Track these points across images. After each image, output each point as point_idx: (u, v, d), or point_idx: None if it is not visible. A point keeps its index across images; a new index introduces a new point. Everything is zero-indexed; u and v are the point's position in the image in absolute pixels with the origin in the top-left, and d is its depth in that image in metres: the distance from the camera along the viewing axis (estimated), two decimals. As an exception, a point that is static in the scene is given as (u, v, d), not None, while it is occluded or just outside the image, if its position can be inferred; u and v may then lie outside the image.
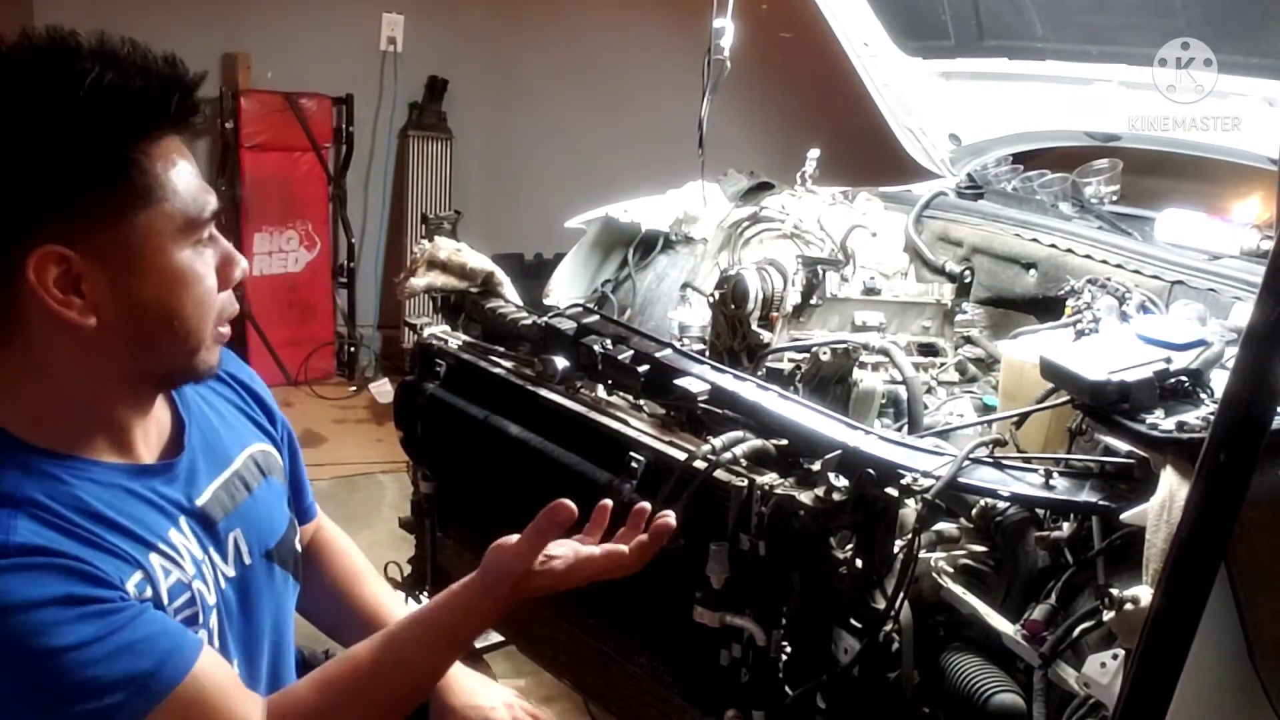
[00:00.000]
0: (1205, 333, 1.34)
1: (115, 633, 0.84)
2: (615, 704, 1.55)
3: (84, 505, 0.87)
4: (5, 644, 0.80)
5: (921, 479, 1.17)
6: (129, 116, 0.84)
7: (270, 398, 1.14)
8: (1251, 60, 1.78)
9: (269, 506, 1.07)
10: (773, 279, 1.75)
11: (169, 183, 0.86)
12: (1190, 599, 0.89)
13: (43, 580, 0.82)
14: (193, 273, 0.88)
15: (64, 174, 0.82)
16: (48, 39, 0.85)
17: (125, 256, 0.85)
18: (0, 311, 0.85)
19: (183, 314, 0.88)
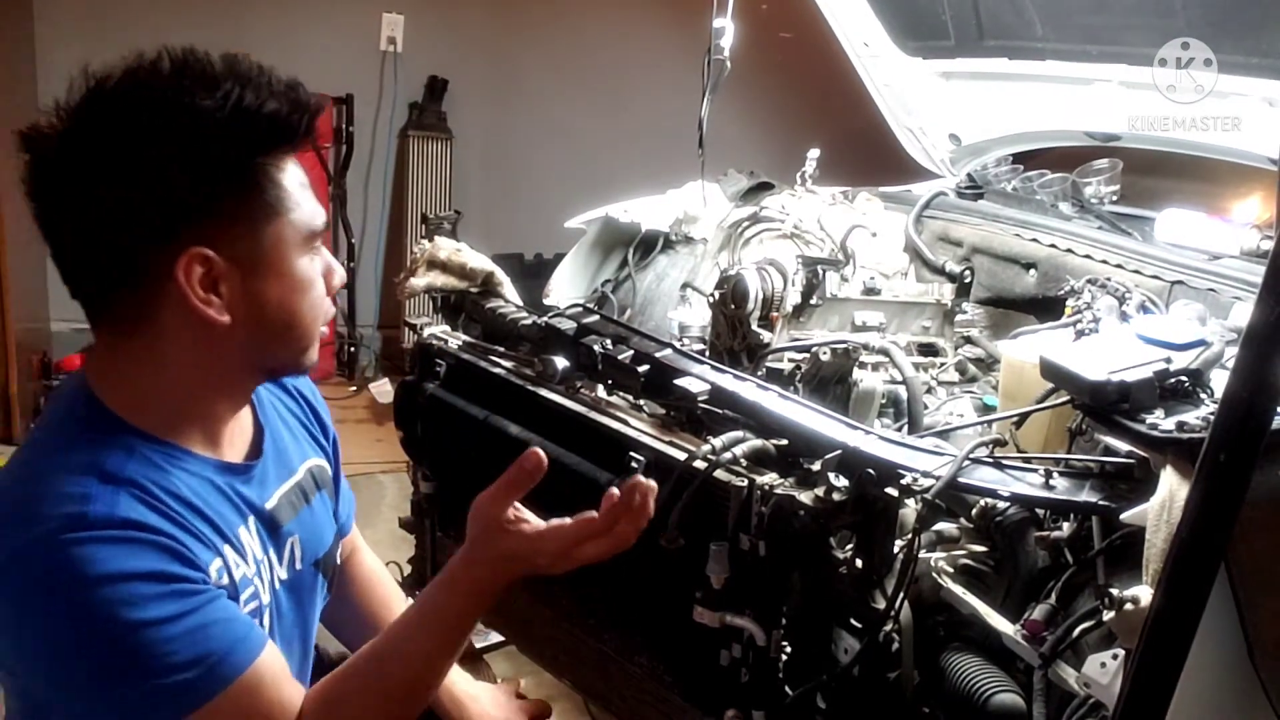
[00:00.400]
0: (1205, 333, 1.34)
1: (194, 612, 0.88)
2: (615, 704, 1.55)
3: (176, 490, 0.93)
4: (93, 611, 0.84)
5: (921, 479, 1.17)
6: (265, 135, 0.91)
7: (327, 413, 1.21)
8: (1251, 60, 1.78)
9: (322, 518, 1.14)
10: (773, 279, 1.75)
11: (294, 197, 0.94)
12: (1190, 599, 0.89)
13: (137, 553, 0.86)
14: (309, 279, 0.97)
15: (211, 184, 0.89)
16: (188, 59, 0.91)
17: (256, 261, 0.93)
18: (137, 305, 0.92)
19: (300, 315, 0.97)
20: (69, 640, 0.86)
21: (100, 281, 0.92)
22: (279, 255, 0.94)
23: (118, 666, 0.86)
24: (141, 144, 0.88)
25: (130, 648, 0.86)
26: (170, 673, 0.87)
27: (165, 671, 0.86)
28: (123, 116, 0.89)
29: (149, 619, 0.86)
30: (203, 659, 0.88)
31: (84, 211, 0.89)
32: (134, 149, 0.88)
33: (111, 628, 0.85)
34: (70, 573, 0.84)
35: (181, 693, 0.87)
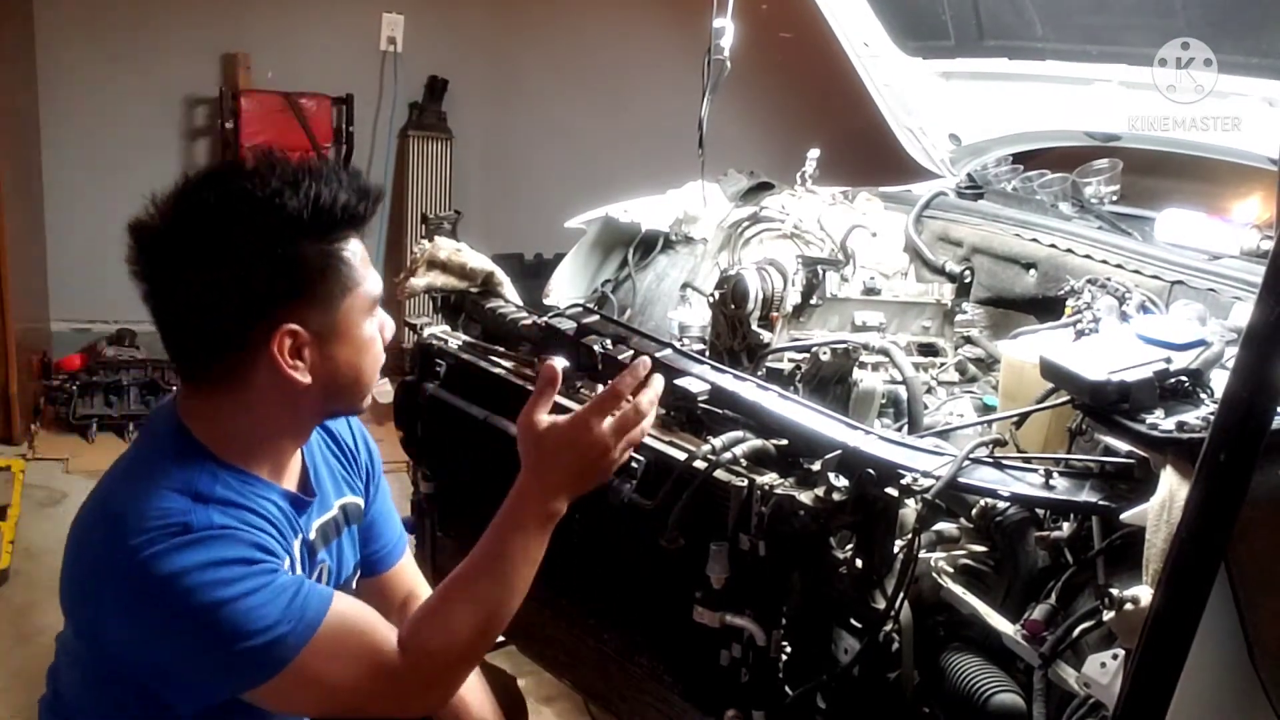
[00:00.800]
0: (1205, 333, 1.34)
1: (274, 581, 1.04)
2: (615, 704, 1.55)
3: (253, 507, 1.09)
4: (195, 594, 1.00)
5: (921, 479, 1.17)
6: (339, 224, 1.08)
7: (375, 456, 1.37)
8: (1251, 60, 1.78)
9: (348, 550, 1.30)
10: (773, 279, 1.75)
11: (360, 272, 1.10)
12: (1190, 599, 0.89)
13: (222, 547, 1.03)
14: (373, 339, 1.14)
15: (299, 271, 1.06)
16: (272, 160, 1.08)
17: (334, 331, 1.09)
18: (234, 367, 1.08)
19: (365, 370, 1.14)
20: (179, 621, 1.01)
21: (204, 350, 1.09)
22: (351, 323, 1.10)
23: (218, 636, 1.01)
24: (241, 238, 1.04)
25: (227, 617, 1.01)
26: (269, 630, 1.02)
27: (260, 632, 1.01)
28: (221, 215, 1.05)
29: (239, 592, 1.01)
30: (290, 611, 1.03)
31: (191, 293, 1.06)
32: (233, 245, 1.04)
33: (210, 607, 1.00)
34: (175, 568, 1.00)
35: (278, 644, 1.02)
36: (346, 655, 1.06)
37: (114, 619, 1.05)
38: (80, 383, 3.50)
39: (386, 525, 1.39)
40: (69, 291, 3.83)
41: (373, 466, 1.36)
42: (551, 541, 1.15)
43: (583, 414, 1.13)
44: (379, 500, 1.37)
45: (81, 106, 3.81)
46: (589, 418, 1.12)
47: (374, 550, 1.37)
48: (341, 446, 1.32)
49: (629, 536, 1.36)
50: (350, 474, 1.32)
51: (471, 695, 1.40)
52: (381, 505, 1.38)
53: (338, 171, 1.08)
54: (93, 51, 3.85)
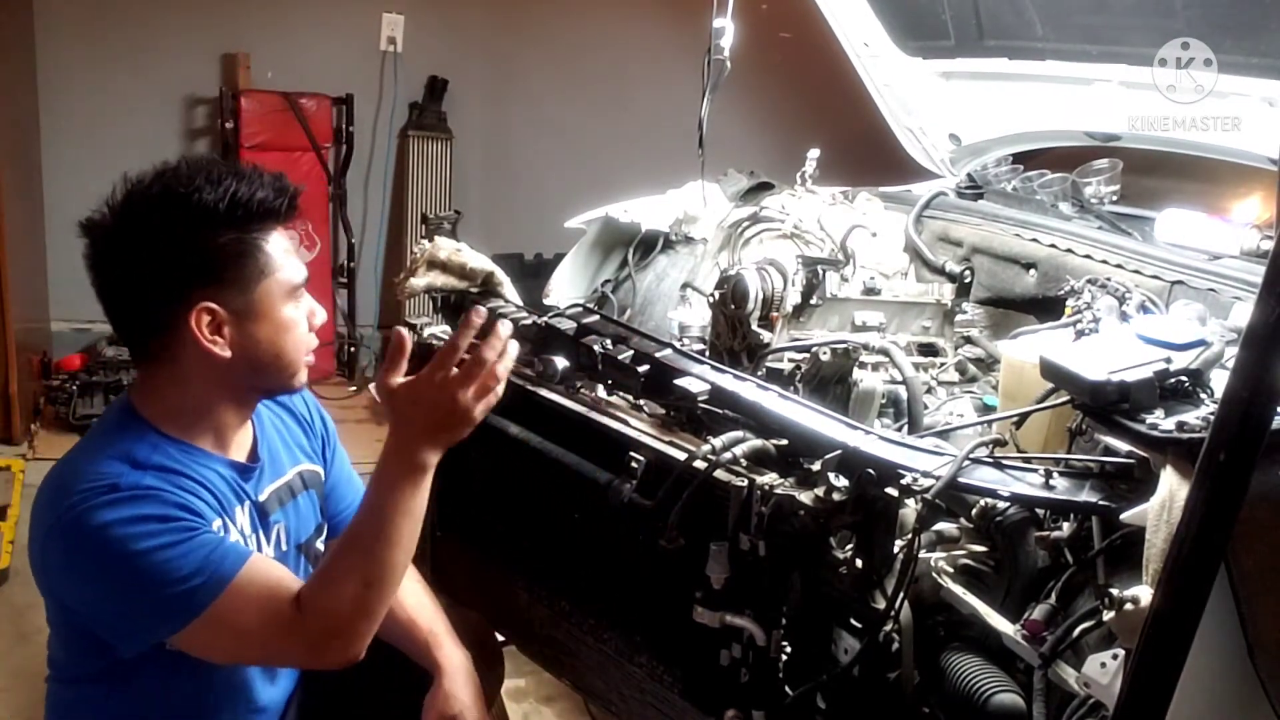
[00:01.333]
0: (1205, 333, 1.34)
1: (194, 538, 1.16)
2: (615, 704, 1.55)
3: (188, 473, 1.23)
4: (117, 546, 1.13)
5: (921, 479, 1.17)
6: (255, 217, 1.21)
7: (328, 426, 1.50)
8: (1251, 60, 1.78)
9: (306, 511, 1.42)
10: (773, 279, 1.75)
11: (278, 260, 1.24)
12: (1190, 599, 0.89)
13: (145, 505, 1.16)
14: (294, 321, 1.26)
15: (216, 256, 1.20)
16: (200, 162, 1.23)
17: (250, 311, 1.22)
18: (164, 346, 1.23)
19: (285, 349, 1.26)
20: (106, 570, 1.15)
21: (139, 330, 1.25)
22: (268, 305, 1.23)
23: (139, 583, 1.14)
24: (161, 230, 1.19)
25: (146, 567, 1.13)
26: (180, 582, 1.14)
27: (176, 582, 1.14)
28: (148, 209, 1.20)
29: (157, 544, 1.14)
30: (206, 564, 1.15)
31: (126, 280, 1.22)
32: (156, 234, 1.19)
33: (132, 558, 1.13)
34: (100, 521, 1.14)
35: (194, 593, 1.14)
36: (254, 608, 1.16)
37: (58, 573, 1.20)
38: (80, 383, 3.50)
39: (348, 489, 1.51)
40: (69, 291, 3.82)
41: (328, 436, 1.49)
42: (552, 541, 1.16)
43: (425, 370, 1.19)
44: (338, 467, 1.50)
45: (81, 106, 3.81)
46: (431, 372, 1.19)
47: (337, 512, 1.48)
48: (298, 418, 1.45)
49: (629, 536, 1.36)
50: (308, 443, 1.45)
51: (407, 598, 1.46)
52: (341, 471, 1.51)
53: (261, 174, 1.23)
54: (93, 51, 3.85)
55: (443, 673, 1.43)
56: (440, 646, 1.45)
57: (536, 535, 1.60)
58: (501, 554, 1.70)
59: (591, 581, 1.51)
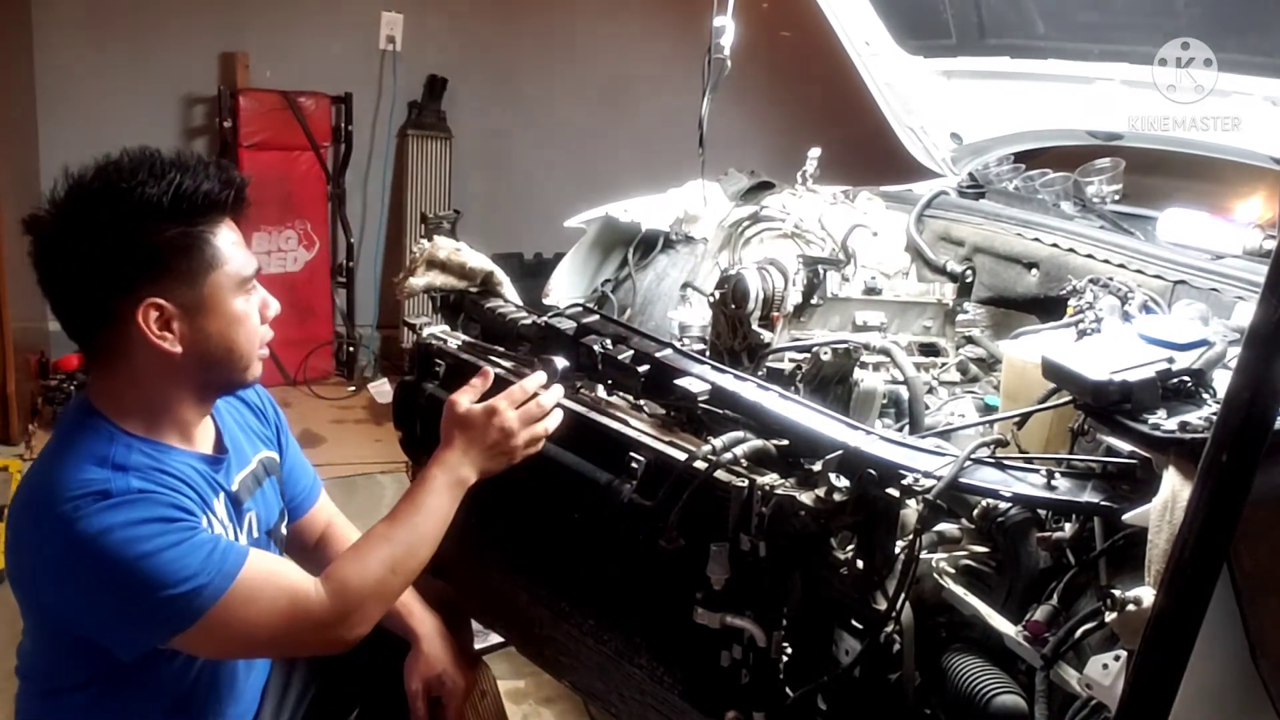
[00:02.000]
0: (1208, 333, 1.33)
1: (193, 537, 1.16)
2: (615, 705, 1.55)
3: (169, 471, 1.22)
4: (115, 551, 1.12)
5: (923, 479, 1.16)
6: (200, 210, 1.19)
7: (278, 415, 1.51)
8: (1253, 59, 1.78)
9: (271, 498, 1.44)
10: (773, 279, 1.75)
11: (225, 253, 1.22)
12: (1193, 600, 0.89)
13: (140, 508, 1.15)
14: (245, 314, 1.25)
15: (161, 250, 1.18)
16: (143, 155, 1.20)
17: (200, 304, 1.21)
18: (114, 342, 1.21)
19: (238, 344, 1.25)
20: (107, 576, 1.13)
21: (87, 326, 1.22)
22: (218, 299, 1.22)
23: (143, 587, 1.13)
24: (105, 226, 1.17)
25: (149, 570, 1.13)
26: (184, 582, 1.14)
27: (181, 582, 1.14)
28: (91, 205, 1.17)
29: (159, 547, 1.13)
30: (206, 566, 1.15)
31: (70, 276, 1.20)
32: (99, 231, 1.17)
33: (133, 560, 1.12)
34: (97, 528, 1.12)
35: (199, 592, 1.14)
36: (265, 598, 1.19)
37: (50, 584, 1.17)
38: (78, 382, 3.49)
39: (302, 474, 1.55)
40: (68, 291, 3.83)
41: (280, 423, 1.51)
42: (552, 542, 1.16)
43: (493, 402, 1.36)
44: (290, 454, 1.52)
45: (79, 105, 3.81)
46: (498, 405, 1.35)
47: (293, 496, 1.52)
48: (252, 408, 1.47)
49: (629, 537, 1.36)
50: (265, 430, 1.48)
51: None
52: (294, 457, 1.54)
53: (206, 165, 1.21)
54: (91, 51, 3.85)
55: (419, 638, 1.48)
56: (412, 614, 1.49)
57: (536, 536, 1.59)
58: (501, 554, 1.70)
59: (591, 582, 1.51)
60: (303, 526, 1.56)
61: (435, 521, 1.32)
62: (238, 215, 1.25)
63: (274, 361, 3.98)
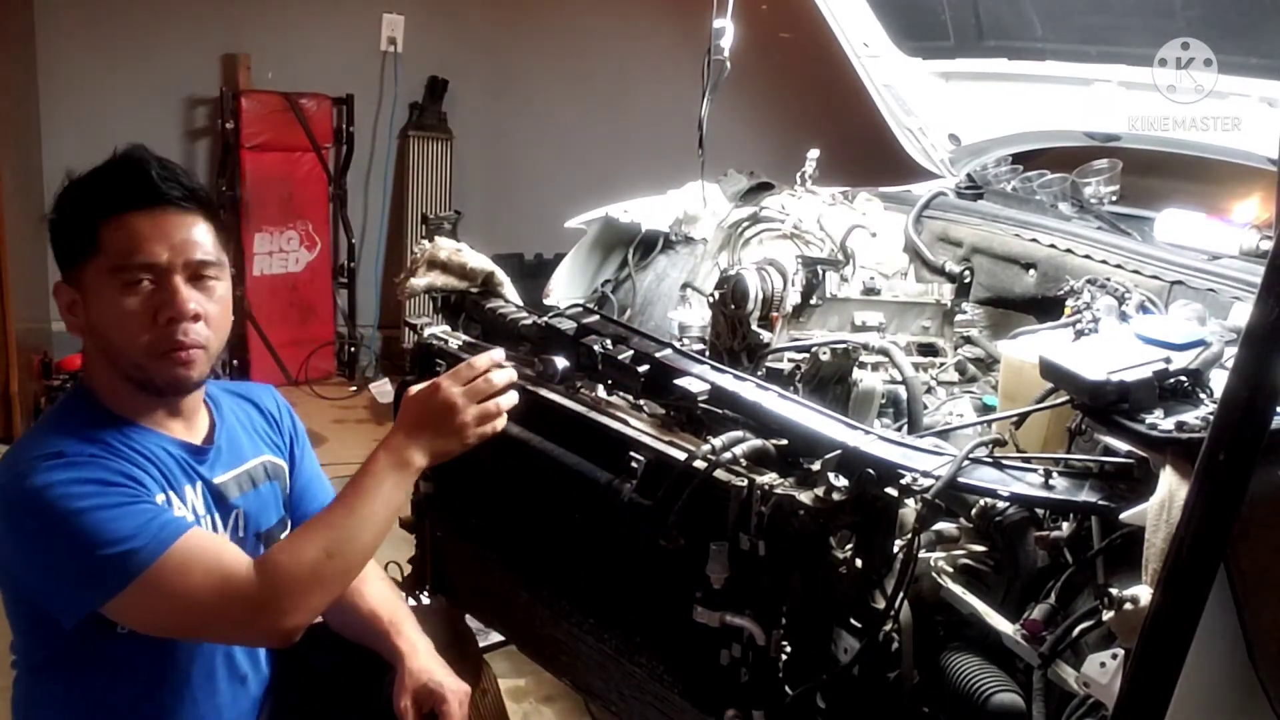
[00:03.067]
0: (1205, 333, 1.34)
1: (134, 504, 1.17)
2: (615, 704, 1.55)
3: (135, 447, 1.24)
4: (55, 506, 1.14)
5: (921, 479, 1.17)
6: (98, 198, 1.23)
7: (294, 425, 1.50)
8: (1251, 60, 1.78)
9: (268, 501, 1.41)
10: (773, 279, 1.75)
11: (108, 242, 1.21)
12: (1190, 599, 0.90)
13: (87, 469, 1.17)
14: (122, 307, 1.21)
15: (57, 235, 1.26)
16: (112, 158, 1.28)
17: (84, 292, 1.24)
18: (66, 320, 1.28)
19: (114, 338, 1.23)
20: (44, 529, 1.15)
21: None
22: (95, 286, 1.22)
23: (75, 544, 1.14)
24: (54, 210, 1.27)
25: (83, 527, 1.14)
26: (116, 544, 1.14)
27: (112, 543, 1.14)
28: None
29: (96, 505, 1.15)
30: (145, 528, 1.15)
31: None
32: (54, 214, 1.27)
33: (68, 515, 1.14)
34: (41, 484, 1.15)
35: (130, 556, 1.14)
36: (198, 572, 1.16)
37: (2, 540, 1.20)
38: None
39: (318, 490, 1.51)
40: (69, 292, 3.83)
41: (295, 433, 1.50)
42: (552, 541, 1.15)
43: (437, 380, 1.30)
44: (306, 467, 1.50)
45: (82, 107, 3.82)
46: (441, 380, 1.29)
47: (307, 511, 1.45)
48: (264, 412, 1.47)
49: (629, 536, 1.36)
50: (273, 436, 1.46)
51: (368, 587, 1.46)
52: (310, 471, 1.51)
53: (134, 157, 1.25)
54: (93, 52, 3.85)
55: (404, 656, 1.40)
56: (400, 634, 1.42)
57: (537, 535, 1.60)
58: (502, 554, 1.70)
59: (591, 581, 1.51)
60: None
61: (376, 506, 1.24)
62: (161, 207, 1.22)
63: (275, 361, 3.98)
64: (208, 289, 1.25)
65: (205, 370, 1.27)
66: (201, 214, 1.26)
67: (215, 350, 1.27)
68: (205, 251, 1.24)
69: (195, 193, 1.25)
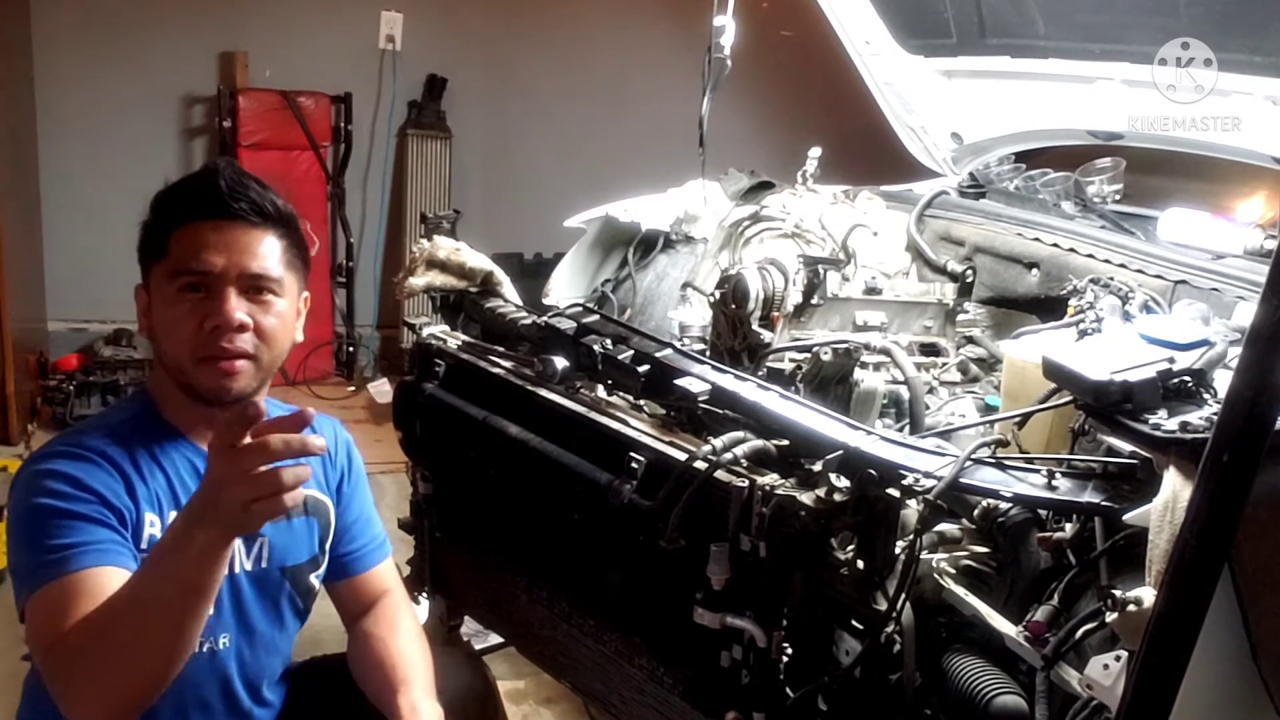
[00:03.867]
0: (1208, 332, 1.33)
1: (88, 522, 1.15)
2: (615, 705, 1.54)
3: (156, 456, 1.25)
4: (28, 499, 1.16)
5: (923, 480, 1.16)
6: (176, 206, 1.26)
7: (348, 461, 1.47)
8: (1254, 59, 1.78)
9: (300, 535, 1.38)
10: (773, 278, 1.74)
11: (173, 246, 1.24)
12: (1193, 600, 0.89)
13: (80, 466, 1.18)
14: (175, 311, 1.24)
15: (142, 238, 1.29)
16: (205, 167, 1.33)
17: (153, 293, 1.27)
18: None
19: (161, 340, 1.26)
20: (13, 516, 1.18)
21: None
22: (157, 289, 1.25)
23: (25, 537, 1.16)
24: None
25: (33, 522, 1.15)
26: (42, 552, 1.13)
27: (41, 550, 1.13)
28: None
29: (61, 509, 1.14)
30: (65, 550, 1.12)
31: None
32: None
33: (32, 511, 1.16)
34: (40, 470, 1.18)
35: (42, 568, 1.12)
36: (52, 616, 1.08)
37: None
38: (77, 383, 3.49)
39: (360, 534, 1.47)
40: (66, 291, 3.83)
41: (349, 473, 1.46)
42: (552, 542, 1.14)
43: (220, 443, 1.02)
44: (354, 507, 1.46)
45: (78, 105, 3.81)
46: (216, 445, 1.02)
47: (347, 553, 1.45)
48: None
49: (629, 537, 1.36)
50: (322, 473, 1.42)
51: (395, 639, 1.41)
52: (357, 512, 1.47)
53: (220, 169, 1.26)
54: (90, 50, 3.85)
55: None
56: (405, 695, 1.32)
57: (536, 536, 1.59)
58: (501, 554, 1.70)
59: (592, 582, 1.51)
60: (353, 589, 1.47)
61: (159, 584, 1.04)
62: (224, 218, 1.24)
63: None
64: (264, 303, 1.25)
65: (250, 383, 1.25)
66: (271, 230, 1.26)
67: (267, 364, 1.26)
68: (264, 266, 1.25)
69: (264, 209, 1.26)
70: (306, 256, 1.34)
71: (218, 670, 1.30)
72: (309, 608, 1.41)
